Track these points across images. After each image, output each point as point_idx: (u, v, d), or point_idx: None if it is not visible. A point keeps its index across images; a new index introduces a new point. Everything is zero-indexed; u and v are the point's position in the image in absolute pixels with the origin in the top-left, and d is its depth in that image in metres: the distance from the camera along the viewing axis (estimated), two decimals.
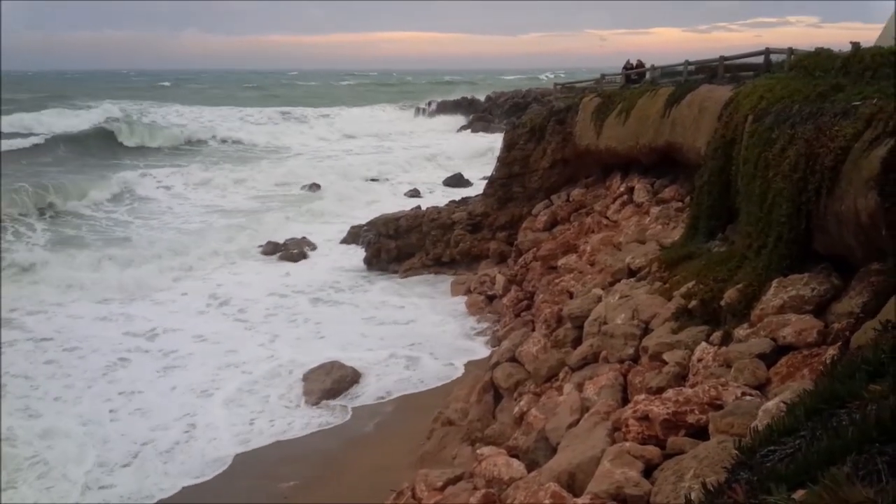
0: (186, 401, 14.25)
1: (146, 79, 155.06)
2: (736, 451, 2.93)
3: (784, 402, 3.77)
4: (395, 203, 30.95)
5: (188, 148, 52.52)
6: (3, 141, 43.61)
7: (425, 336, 17.50)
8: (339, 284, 21.89)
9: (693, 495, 3.89)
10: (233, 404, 14.08)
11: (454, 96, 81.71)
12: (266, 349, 16.77)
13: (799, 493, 2.06)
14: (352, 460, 11.71)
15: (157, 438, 12.73)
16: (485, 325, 18.18)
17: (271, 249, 25.42)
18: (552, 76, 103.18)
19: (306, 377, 14.92)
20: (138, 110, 71.70)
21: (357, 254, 24.43)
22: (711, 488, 2.71)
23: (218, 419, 13.49)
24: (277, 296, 20.70)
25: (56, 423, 13.09)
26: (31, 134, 49.81)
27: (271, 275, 22.74)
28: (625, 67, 23.52)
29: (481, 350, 16.32)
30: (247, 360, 16.08)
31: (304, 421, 13.50)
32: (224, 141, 55.89)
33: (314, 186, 36.78)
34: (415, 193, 35.37)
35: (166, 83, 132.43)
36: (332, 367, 15.14)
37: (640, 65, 22.98)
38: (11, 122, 53.77)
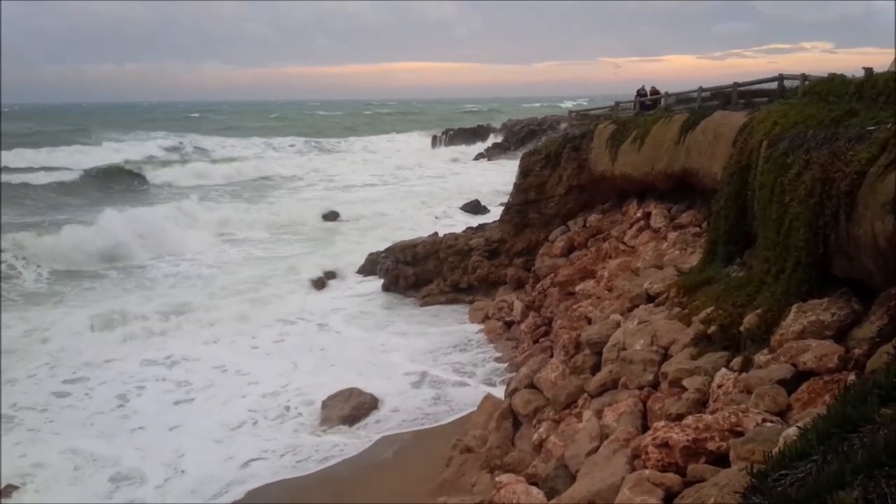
0: (205, 425, 14.36)
1: (170, 110, 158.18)
2: (750, 476, 2.95)
3: (799, 428, 3.78)
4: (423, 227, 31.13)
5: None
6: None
7: (443, 363, 17.50)
8: (356, 311, 21.97)
9: None
10: (251, 430, 14.14)
11: (477, 123, 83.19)
12: (284, 377, 16.83)
13: None
14: (370, 487, 11.70)
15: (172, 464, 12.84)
16: (503, 352, 18.16)
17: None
18: (573, 104, 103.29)
19: (325, 404, 14.96)
20: (188, 141, 75.75)
21: (375, 281, 24.53)
22: None
23: (237, 444, 13.57)
24: (294, 323, 20.82)
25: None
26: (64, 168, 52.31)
27: (290, 302, 22.87)
28: (638, 94, 23.66)
29: (500, 377, 16.29)
30: (265, 387, 16.16)
31: (323, 447, 13.50)
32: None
33: (332, 214, 37.09)
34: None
35: (195, 114, 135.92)
36: (351, 393, 15.18)
37: (655, 92, 23.13)
38: (57, 156, 58.40)
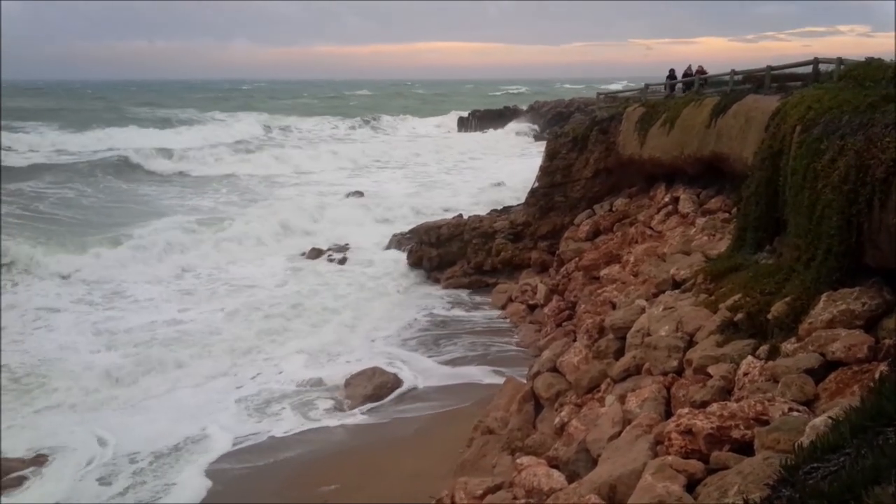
0: (222, 400, 14.62)
1: (206, 88, 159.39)
2: (780, 468, 2.91)
3: (830, 418, 3.72)
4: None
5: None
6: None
7: (467, 344, 17.54)
8: (379, 290, 22.04)
9: None
10: (275, 407, 14.31)
11: (520, 104, 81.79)
12: (305, 354, 16.97)
13: None
14: (391, 466, 11.79)
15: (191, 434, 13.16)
16: (525, 335, 18.14)
17: (314, 255, 25.73)
18: (623, 85, 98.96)
19: (348, 382, 15.09)
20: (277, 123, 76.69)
21: (399, 260, 24.54)
22: None
23: (261, 421, 13.77)
24: (317, 299, 20.95)
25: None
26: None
27: (311, 278, 22.99)
28: (685, 74, 23.08)
29: (523, 360, 16.29)
30: (288, 364, 16.32)
31: (345, 426, 13.64)
32: None
33: (357, 194, 37.15)
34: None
35: (245, 87, 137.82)
36: (374, 372, 15.29)
37: (701, 71, 22.44)
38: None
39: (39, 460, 12.20)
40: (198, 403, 14.62)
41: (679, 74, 23.64)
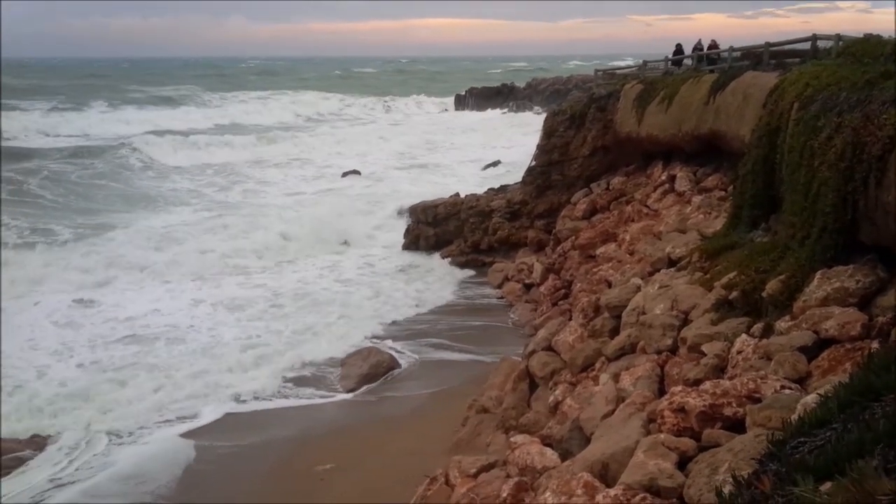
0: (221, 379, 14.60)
1: (206, 65, 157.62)
2: (768, 444, 2.89)
3: (819, 395, 3.70)
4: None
5: None
6: None
7: (461, 324, 17.55)
8: (376, 269, 22.00)
9: (726, 489, 3.85)
10: (271, 384, 14.32)
11: (520, 81, 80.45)
12: (299, 335, 16.92)
13: (826, 486, 2.03)
14: (386, 445, 11.83)
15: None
16: (521, 314, 18.15)
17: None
18: (633, 62, 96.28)
19: (344, 362, 15.11)
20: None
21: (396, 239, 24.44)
22: (742, 480, 2.69)
23: (258, 396, 13.83)
24: (315, 281, 20.91)
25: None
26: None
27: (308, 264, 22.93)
28: (695, 49, 22.74)
29: (518, 339, 16.30)
30: (283, 344, 16.29)
31: (340, 405, 13.68)
32: None
33: (353, 173, 37.02)
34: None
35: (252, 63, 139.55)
36: (370, 352, 15.30)
37: (714, 46, 21.81)
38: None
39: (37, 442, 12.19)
40: (187, 379, 14.61)
41: (687, 50, 23.29)
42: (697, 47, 22.66)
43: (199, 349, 15.97)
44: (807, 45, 15.36)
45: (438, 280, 21.22)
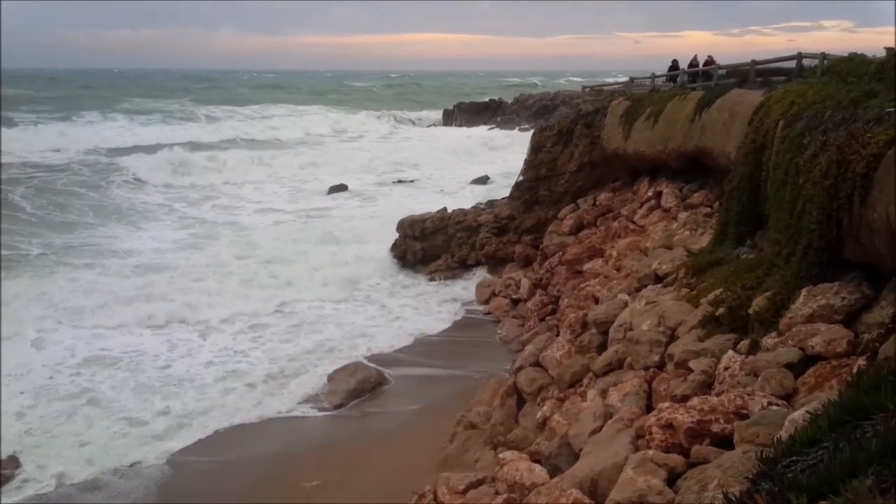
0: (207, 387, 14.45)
1: (190, 78, 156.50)
2: (758, 462, 2.89)
3: (808, 413, 3.72)
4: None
5: None
6: None
7: (449, 339, 17.50)
8: (364, 285, 21.91)
9: None
10: (257, 399, 14.20)
11: (510, 97, 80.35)
12: (290, 346, 16.82)
13: None
14: (374, 461, 11.75)
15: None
16: (509, 330, 18.12)
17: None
18: (623, 77, 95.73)
19: (331, 377, 15.00)
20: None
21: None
22: (733, 498, 2.69)
23: (242, 414, 13.68)
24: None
25: None
26: None
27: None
28: (690, 65, 22.83)
29: (506, 356, 16.28)
30: (269, 358, 16.17)
31: (327, 421, 13.57)
32: None
33: (341, 187, 36.99)
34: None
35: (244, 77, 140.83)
36: (357, 367, 15.22)
37: (711, 61, 21.44)
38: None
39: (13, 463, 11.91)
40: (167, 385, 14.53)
41: (683, 66, 23.30)
42: (693, 63, 22.85)
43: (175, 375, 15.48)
44: (792, 64, 15.57)
45: (423, 295, 21.14)
